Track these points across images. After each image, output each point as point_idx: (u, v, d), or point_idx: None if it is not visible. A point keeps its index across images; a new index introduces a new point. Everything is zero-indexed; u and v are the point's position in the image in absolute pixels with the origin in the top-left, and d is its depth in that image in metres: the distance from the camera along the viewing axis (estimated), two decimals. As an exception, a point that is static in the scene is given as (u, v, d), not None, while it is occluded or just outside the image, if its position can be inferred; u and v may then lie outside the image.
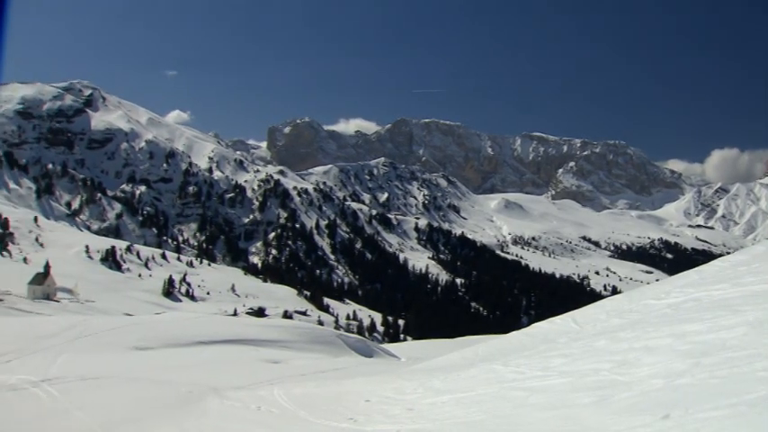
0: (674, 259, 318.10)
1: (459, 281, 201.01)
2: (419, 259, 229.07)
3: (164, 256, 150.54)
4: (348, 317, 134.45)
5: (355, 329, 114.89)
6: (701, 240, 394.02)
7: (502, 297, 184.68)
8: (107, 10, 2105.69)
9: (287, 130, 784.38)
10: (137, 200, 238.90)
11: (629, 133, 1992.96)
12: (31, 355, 26.21)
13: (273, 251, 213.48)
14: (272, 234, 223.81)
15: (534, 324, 24.43)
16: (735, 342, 10.88)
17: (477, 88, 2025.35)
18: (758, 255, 21.41)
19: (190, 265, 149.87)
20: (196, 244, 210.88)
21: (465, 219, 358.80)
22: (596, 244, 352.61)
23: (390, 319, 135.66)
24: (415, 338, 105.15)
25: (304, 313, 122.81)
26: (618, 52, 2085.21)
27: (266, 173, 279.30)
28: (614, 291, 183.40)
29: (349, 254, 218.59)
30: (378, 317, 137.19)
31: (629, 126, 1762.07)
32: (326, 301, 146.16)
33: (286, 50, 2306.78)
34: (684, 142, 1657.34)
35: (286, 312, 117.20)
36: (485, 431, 10.36)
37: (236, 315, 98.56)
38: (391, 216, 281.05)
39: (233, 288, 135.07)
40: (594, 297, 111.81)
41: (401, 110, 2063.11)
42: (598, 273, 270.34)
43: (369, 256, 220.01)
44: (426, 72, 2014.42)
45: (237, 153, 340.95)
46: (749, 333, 11.29)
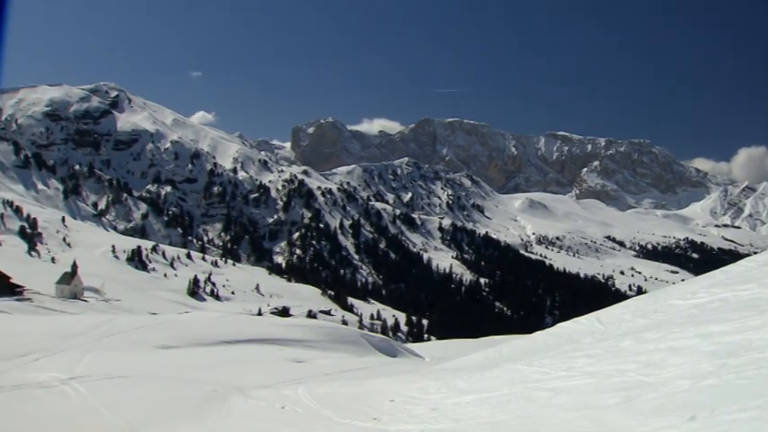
0: (699, 259, 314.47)
1: (483, 281, 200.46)
2: (443, 259, 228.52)
3: (189, 255, 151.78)
4: (372, 316, 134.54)
5: (379, 329, 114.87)
6: (727, 240, 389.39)
7: (526, 297, 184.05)
8: (133, 12, 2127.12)
9: (311, 130, 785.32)
10: (162, 200, 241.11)
11: (654, 132, 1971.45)
12: (60, 353, 26.56)
13: (298, 251, 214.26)
14: (297, 234, 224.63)
15: (559, 324, 24.28)
16: (762, 343, 10.76)
17: (501, 88, 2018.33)
18: (786, 254, 21.14)
19: (215, 264, 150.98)
20: (221, 244, 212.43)
21: (489, 218, 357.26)
22: (621, 244, 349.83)
23: (414, 318, 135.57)
24: (439, 338, 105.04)
25: (328, 313, 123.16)
26: (643, 50, 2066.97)
27: (290, 173, 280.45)
28: (639, 291, 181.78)
29: (373, 254, 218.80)
30: (402, 317, 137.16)
31: (654, 125, 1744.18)
32: (350, 300, 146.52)
33: (310, 51, 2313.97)
34: (710, 140, 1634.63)
35: (310, 312, 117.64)
36: (509, 431, 10.35)
37: (260, 315, 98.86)
38: (415, 216, 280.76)
39: (257, 288, 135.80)
40: (619, 297, 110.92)
41: (425, 109, 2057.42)
42: (623, 273, 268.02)
43: (393, 255, 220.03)
44: (450, 72, 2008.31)
45: (262, 153, 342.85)
46: (776, 334, 11.17)
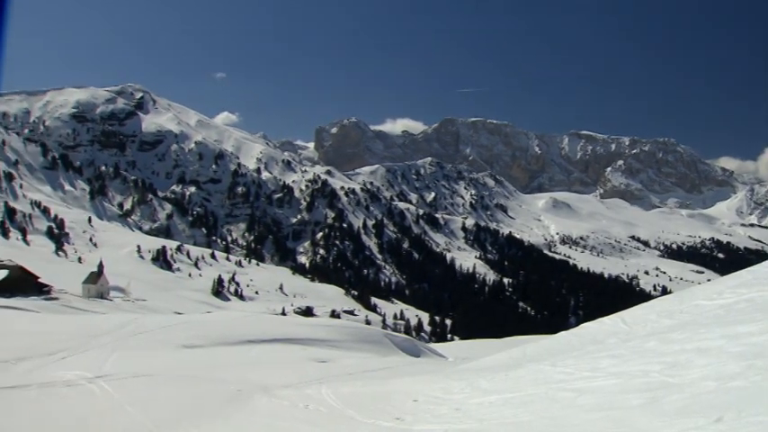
0: (725, 259, 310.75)
1: (506, 281, 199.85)
2: (466, 259, 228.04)
3: (213, 255, 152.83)
4: (395, 316, 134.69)
5: (402, 329, 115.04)
6: (754, 240, 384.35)
7: (550, 297, 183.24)
8: (158, 15, 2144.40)
9: (334, 130, 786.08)
10: (187, 200, 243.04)
11: (678, 131, 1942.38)
12: (86, 352, 26.82)
13: (321, 251, 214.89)
14: (320, 234, 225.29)
15: (583, 324, 24.14)
16: (790, 344, 10.66)
17: (524, 87, 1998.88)
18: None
19: (239, 264, 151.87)
20: (245, 244, 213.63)
21: (512, 218, 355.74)
22: (646, 243, 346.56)
23: (437, 318, 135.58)
24: (463, 338, 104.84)
25: (351, 312, 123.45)
26: (667, 49, 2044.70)
27: (314, 173, 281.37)
28: (664, 291, 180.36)
29: (396, 253, 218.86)
30: (425, 316, 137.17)
31: (678, 123, 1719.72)
32: (374, 300, 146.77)
33: (333, 51, 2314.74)
34: (736, 139, 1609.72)
35: (334, 312, 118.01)
36: (532, 432, 10.32)
37: (284, 314, 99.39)
38: (438, 216, 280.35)
39: (281, 287, 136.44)
40: (644, 297, 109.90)
41: (447, 109, 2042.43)
42: (648, 273, 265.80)
43: (416, 255, 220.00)
44: (473, 71, 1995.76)
45: (285, 154, 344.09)
46: (805, 335, 11.05)
